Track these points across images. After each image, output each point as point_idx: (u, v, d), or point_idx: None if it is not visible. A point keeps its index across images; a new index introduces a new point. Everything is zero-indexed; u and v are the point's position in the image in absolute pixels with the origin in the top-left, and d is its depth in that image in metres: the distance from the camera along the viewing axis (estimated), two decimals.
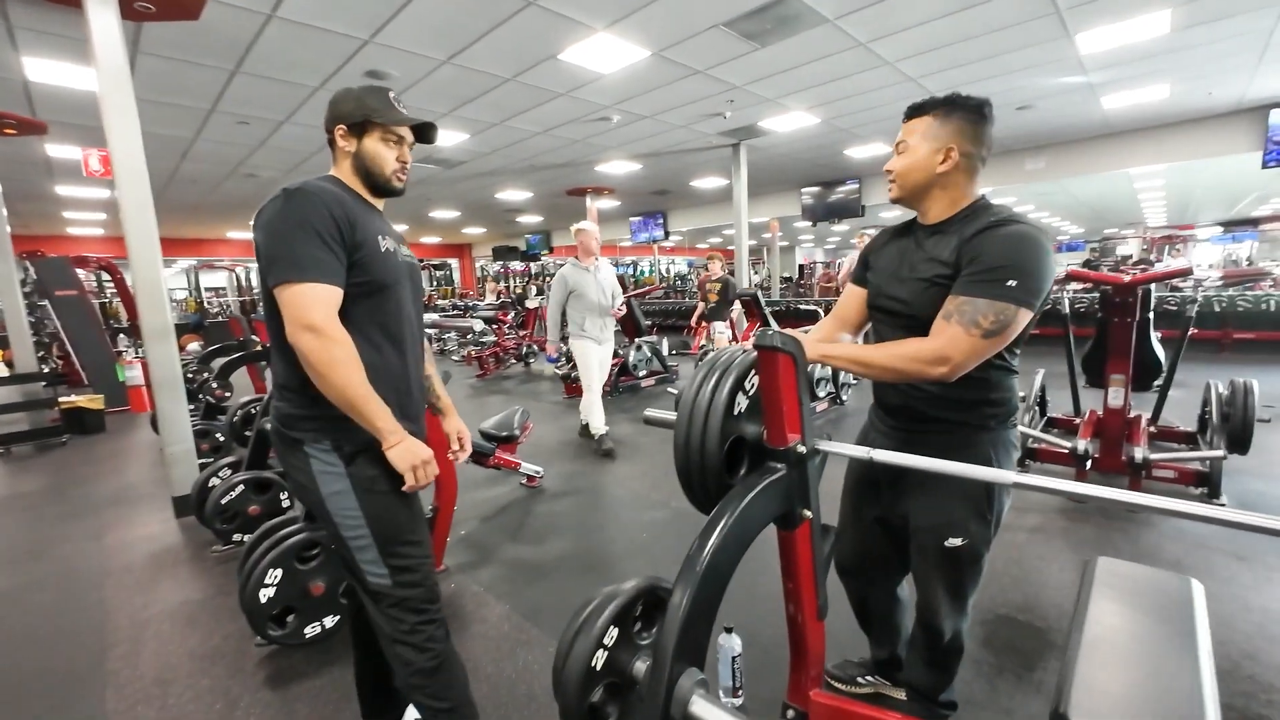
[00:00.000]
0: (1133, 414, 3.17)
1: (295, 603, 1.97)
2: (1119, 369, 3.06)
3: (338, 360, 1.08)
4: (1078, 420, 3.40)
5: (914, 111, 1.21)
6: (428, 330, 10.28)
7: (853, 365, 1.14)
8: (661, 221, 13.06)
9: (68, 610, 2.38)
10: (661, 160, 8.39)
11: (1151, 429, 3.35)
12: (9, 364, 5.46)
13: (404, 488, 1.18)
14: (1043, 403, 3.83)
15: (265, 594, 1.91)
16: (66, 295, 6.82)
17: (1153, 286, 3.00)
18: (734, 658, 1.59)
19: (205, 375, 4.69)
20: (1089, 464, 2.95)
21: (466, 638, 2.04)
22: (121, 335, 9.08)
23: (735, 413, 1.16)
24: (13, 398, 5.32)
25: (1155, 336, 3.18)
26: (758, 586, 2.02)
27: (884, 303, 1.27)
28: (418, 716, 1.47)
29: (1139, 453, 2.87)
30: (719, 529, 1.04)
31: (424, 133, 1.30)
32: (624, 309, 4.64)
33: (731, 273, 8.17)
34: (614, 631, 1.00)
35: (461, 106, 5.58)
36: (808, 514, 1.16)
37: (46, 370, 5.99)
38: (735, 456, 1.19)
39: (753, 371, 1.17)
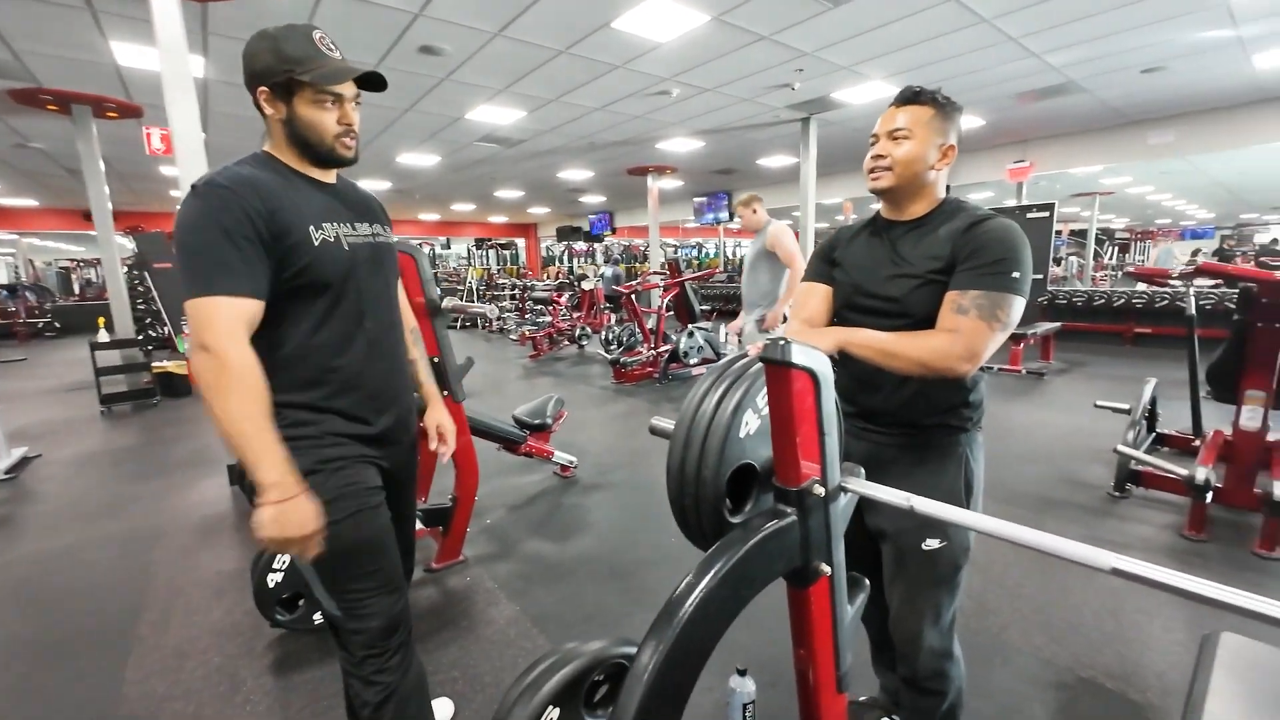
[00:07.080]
0: (1272, 438, 2.63)
1: (304, 589, 1.95)
2: (1260, 383, 2.52)
3: (222, 387, 0.92)
4: (1196, 441, 2.88)
5: (913, 99, 1.15)
6: (460, 317, 10.15)
7: (877, 355, 1.07)
8: (726, 202, 12.61)
9: (120, 569, 2.50)
10: (725, 137, 7.99)
11: None
12: (109, 329, 5.97)
13: (258, 543, 0.95)
14: (1152, 417, 3.29)
15: (274, 579, 1.89)
16: (163, 267, 7.40)
17: None
18: (746, 705, 1.39)
19: None
20: (1209, 496, 2.47)
21: (471, 640, 1.95)
22: None
23: (743, 434, 0.94)
24: (113, 361, 5.84)
25: None
26: (782, 608, 1.78)
27: (867, 302, 1.22)
28: None
29: None
30: (704, 583, 0.83)
31: (369, 82, 1.07)
32: None
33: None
34: (554, 714, 0.81)
35: (517, 82, 5.46)
36: (826, 569, 0.93)
37: (144, 337, 6.53)
38: (743, 487, 0.98)
39: None
